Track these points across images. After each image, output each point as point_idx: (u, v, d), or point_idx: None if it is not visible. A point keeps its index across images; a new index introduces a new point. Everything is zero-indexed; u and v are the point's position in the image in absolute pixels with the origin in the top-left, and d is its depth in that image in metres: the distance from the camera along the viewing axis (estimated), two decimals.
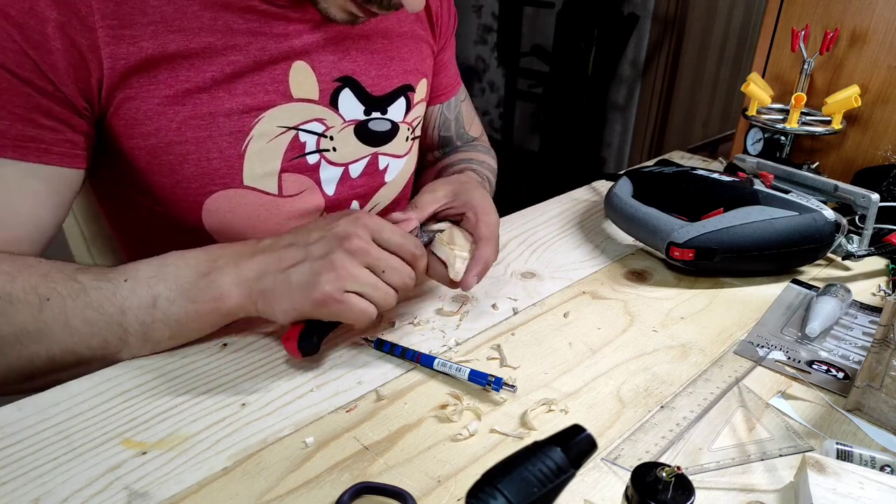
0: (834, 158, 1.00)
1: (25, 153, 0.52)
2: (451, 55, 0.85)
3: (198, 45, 0.56)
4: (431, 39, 0.77)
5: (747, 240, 0.67)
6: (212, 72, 0.57)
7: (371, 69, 0.68)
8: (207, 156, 0.59)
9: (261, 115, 0.60)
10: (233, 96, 0.59)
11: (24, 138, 0.52)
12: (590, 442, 0.30)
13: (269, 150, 0.62)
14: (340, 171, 0.69)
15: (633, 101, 3.17)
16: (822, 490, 0.40)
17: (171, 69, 0.55)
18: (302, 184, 0.66)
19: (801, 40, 0.93)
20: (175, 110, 0.57)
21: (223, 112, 0.59)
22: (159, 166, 0.59)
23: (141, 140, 0.57)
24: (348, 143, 0.68)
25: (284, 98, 0.62)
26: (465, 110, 0.90)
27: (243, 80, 0.59)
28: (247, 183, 0.62)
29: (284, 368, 0.54)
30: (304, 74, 0.62)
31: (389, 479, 0.43)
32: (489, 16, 3.63)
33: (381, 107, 0.70)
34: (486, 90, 3.84)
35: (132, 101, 0.55)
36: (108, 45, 0.52)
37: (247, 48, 0.58)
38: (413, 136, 0.76)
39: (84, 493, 0.42)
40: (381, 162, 0.72)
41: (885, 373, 0.49)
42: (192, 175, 0.60)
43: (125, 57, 0.53)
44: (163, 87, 0.56)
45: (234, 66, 0.58)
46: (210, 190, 0.61)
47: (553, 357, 0.57)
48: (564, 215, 0.87)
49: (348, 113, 0.67)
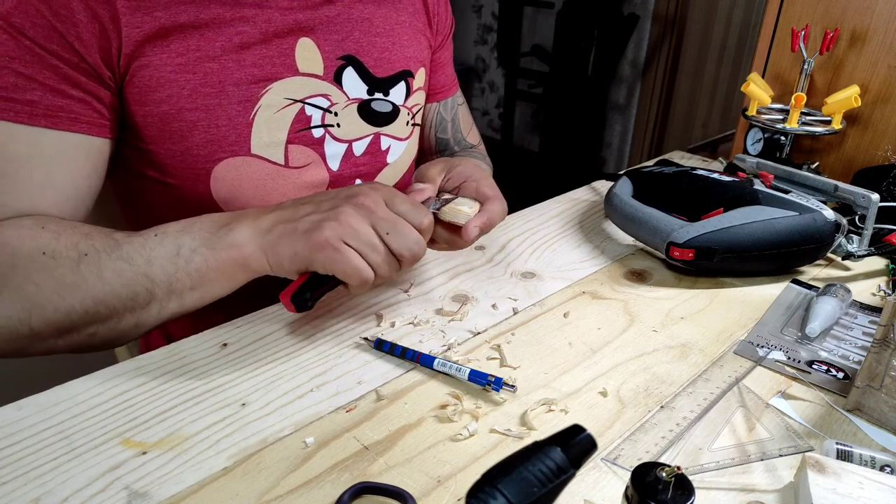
0: (834, 158, 1.00)
1: (57, 122, 0.55)
2: (449, 57, 0.87)
3: (207, 15, 0.59)
4: (429, 33, 0.80)
5: (747, 240, 0.67)
6: (221, 41, 0.60)
7: (373, 51, 0.71)
8: (216, 122, 0.62)
9: (269, 86, 0.63)
10: (242, 66, 0.61)
11: (55, 108, 0.55)
12: (590, 442, 0.30)
13: (275, 120, 0.64)
14: (344, 148, 0.71)
15: (633, 101, 3.17)
16: (822, 490, 0.40)
17: (182, 38, 0.58)
18: (308, 156, 0.68)
19: (801, 40, 0.93)
20: (186, 78, 0.59)
21: (232, 81, 0.61)
22: (170, 133, 0.61)
23: (153, 107, 0.59)
24: (352, 120, 0.70)
25: (291, 71, 0.64)
26: (463, 115, 0.91)
27: (251, 51, 0.62)
28: (254, 151, 0.64)
29: (284, 368, 0.54)
30: (309, 50, 0.65)
31: (389, 479, 0.43)
32: (489, 16, 3.63)
33: (384, 88, 0.72)
34: (486, 90, 3.84)
35: (146, 69, 0.58)
36: (126, 15, 0.55)
37: (254, 20, 0.62)
38: (413, 121, 0.78)
39: (84, 493, 0.42)
40: (383, 142, 0.74)
41: (885, 373, 0.49)
42: (202, 142, 0.62)
43: (139, 26, 0.56)
44: (175, 56, 0.58)
45: (242, 36, 0.61)
46: (219, 157, 0.63)
47: (553, 357, 0.57)
48: (564, 215, 0.87)
49: (352, 91, 0.69)
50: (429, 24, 0.80)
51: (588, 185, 0.98)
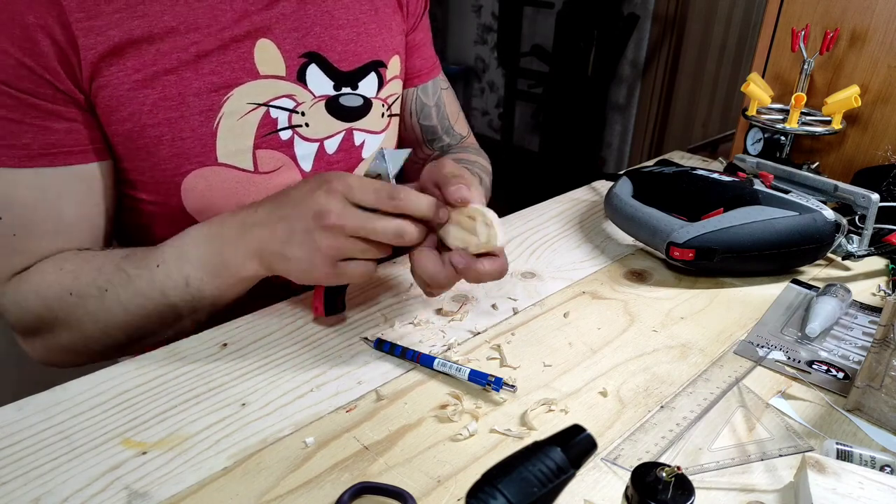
0: (834, 158, 1.00)
1: (54, 159, 0.56)
2: (426, 39, 0.84)
3: (161, 28, 0.58)
4: (400, 17, 0.77)
5: (747, 240, 0.67)
6: (177, 53, 0.59)
7: (336, 45, 0.68)
8: (181, 135, 0.61)
9: (229, 93, 0.62)
10: (200, 76, 0.60)
11: (48, 145, 0.56)
12: (590, 442, 0.30)
13: (240, 127, 0.63)
14: (315, 147, 0.69)
15: (633, 101, 3.17)
16: (822, 490, 0.40)
17: (137, 54, 0.57)
18: (278, 160, 0.67)
19: (801, 40, 0.93)
20: (146, 94, 0.58)
21: (192, 92, 0.60)
22: (136, 151, 0.60)
23: (118, 126, 0.59)
24: (321, 118, 0.69)
25: (251, 75, 0.63)
26: (448, 101, 0.88)
27: (209, 59, 0.60)
28: (221, 160, 0.63)
29: (284, 368, 0.54)
30: (268, 52, 0.64)
31: (389, 479, 0.43)
32: (489, 16, 3.63)
33: (351, 82, 0.71)
34: (485, 90, 3.84)
35: (106, 89, 0.57)
36: (81, 38, 0.54)
37: (207, 28, 0.60)
38: (389, 113, 0.76)
39: (84, 493, 0.42)
40: (356, 138, 0.73)
41: (885, 373, 0.49)
42: (168, 156, 0.61)
43: (94, 46, 0.55)
44: (132, 73, 0.57)
45: (198, 45, 0.60)
46: (186, 169, 0.62)
47: (553, 357, 0.57)
48: (564, 215, 0.87)
49: (318, 88, 0.68)
50: (399, 8, 0.76)
51: (588, 185, 0.98)
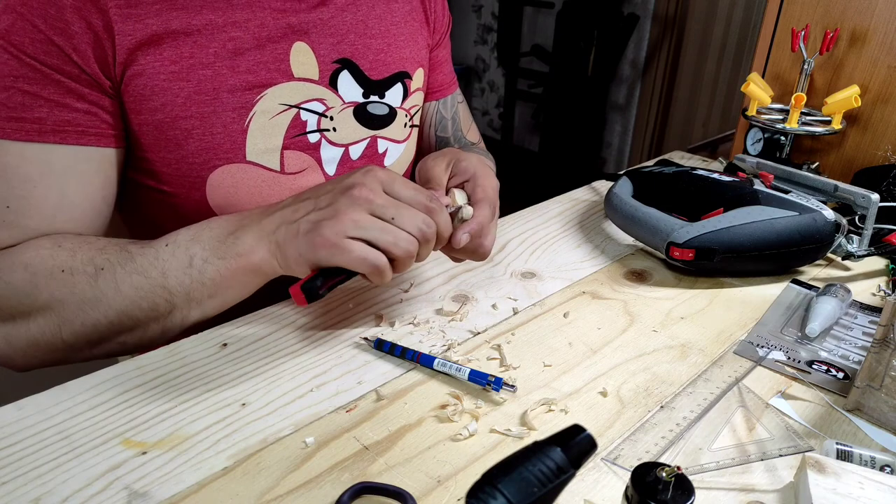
0: (834, 158, 1.00)
1: (66, 137, 0.56)
2: (447, 56, 0.87)
3: (200, 21, 0.59)
4: (426, 32, 0.79)
5: (747, 240, 0.67)
6: (214, 48, 0.59)
7: (369, 54, 0.70)
8: (211, 130, 0.61)
9: (263, 92, 0.62)
10: (236, 73, 0.61)
11: (62, 122, 0.55)
12: (590, 442, 0.30)
13: (271, 127, 0.64)
14: (341, 152, 0.70)
15: (633, 101, 3.17)
16: (822, 490, 0.40)
17: (175, 45, 0.58)
18: (304, 162, 0.67)
19: (801, 40, 0.93)
20: (180, 86, 0.59)
21: (227, 88, 0.61)
22: (165, 142, 0.61)
23: (148, 115, 0.59)
24: (348, 124, 0.70)
25: (286, 77, 0.64)
26: (463, 114, 0.91)
27: (245, 57, 0.61)
28: (249, 158, 0.64)
29: (284, 368, 0.54)
30: (304, 55, 0.65)
31: (389, 479, 0.43)
32: (489, 16, 3.63)
33: (379, 91, 0.72)
34: (486, 90, 3.84)
35: (140, 78, 0.57)
36: (118, 23, 0.55)
37: (246, 25, 0.61)
38: (411, 123, 0.78)
39: (84, 493, 0.42)
40: (380, 145, 0.74)
41: (885, 373, 0.49)
42: (197, 150, 0.61)
43: (132, 33, 0.56)
44: (168, 63, 0.58)
45: (235, 42, 0.60)
46: (214, 164, 0.62)
47: (553, 357, 0.57)
48: (564, 215, 0.87)
49: (347, 94, 0.69)
50: (426, 23, 0.79)
51: (588, 185, 0.98)
